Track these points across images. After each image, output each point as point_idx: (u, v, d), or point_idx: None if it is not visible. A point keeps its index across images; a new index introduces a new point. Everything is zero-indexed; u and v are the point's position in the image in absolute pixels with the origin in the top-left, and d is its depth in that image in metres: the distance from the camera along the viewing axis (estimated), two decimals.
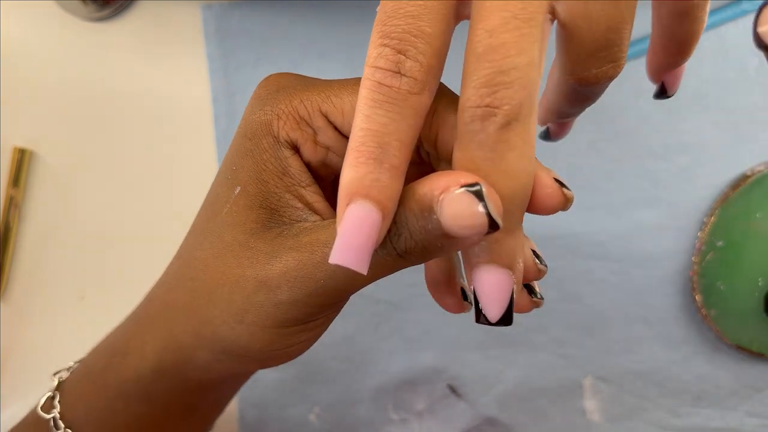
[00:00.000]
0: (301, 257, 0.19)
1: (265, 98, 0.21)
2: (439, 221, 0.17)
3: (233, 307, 0.21)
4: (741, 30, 0.40)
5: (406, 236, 0.18)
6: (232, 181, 0.21)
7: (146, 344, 0.25)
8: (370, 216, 0.17)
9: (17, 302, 0.44)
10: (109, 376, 0.26)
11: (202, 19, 0.43)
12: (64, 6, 0.44)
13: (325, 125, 0.21)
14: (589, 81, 0.19)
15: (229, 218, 0.21)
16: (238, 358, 0.22)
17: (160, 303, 0.25)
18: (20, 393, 0.43)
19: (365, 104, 0.17)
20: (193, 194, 0.45)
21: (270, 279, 0.20)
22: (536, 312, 0.41)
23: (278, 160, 0.21)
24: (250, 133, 0.21)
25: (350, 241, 0.17)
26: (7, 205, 0.43)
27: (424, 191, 0.17)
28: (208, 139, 0.43)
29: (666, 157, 0.41)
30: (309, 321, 0.21)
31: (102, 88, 0.44)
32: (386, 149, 0.17)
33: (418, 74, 0.17)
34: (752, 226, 0.39)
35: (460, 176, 0.17)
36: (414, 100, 0.17)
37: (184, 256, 0.24)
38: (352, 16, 0.42)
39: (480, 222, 0.16)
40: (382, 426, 0.42)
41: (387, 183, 0.17)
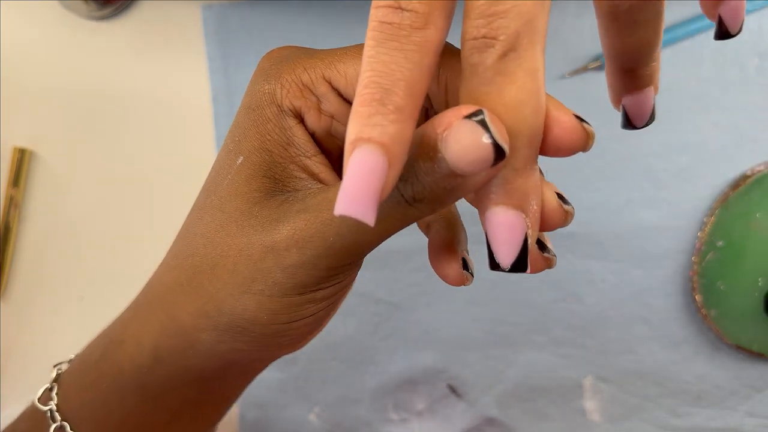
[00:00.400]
0: (308, 217, 0.19)
1: (268, 70, 0.21)
2: (444, 159, 0.16)
3: (238, 276, 0.20)
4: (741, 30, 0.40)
5: (412, 180, 0.17)
6: (235, 152, 0.21)
7: (144, 331, 0.24)
8: (373, 160, 0.15)
9: (17, 302, 0.44)
10: (104, 366, 0.25)
11: (202, 19, 0.43)
12: (65, 5, 0.44)
13: (328, 91, 0.20)
14: (620, 2, 0.18)
15: (231, 188, 0.21)
16: (243, 335, 0.21)
17: (158, 286, 0.24)
18: (20, 393, 0.43)
19: (369, 45, 0.16)
20: (193, 194, 0.45)
21: (277, 243, 0.19)
22: (536, 312, 0.41)
23: (282, 129, 0.20)
24: (253, 104, 0.21)
25: (354, 189, 0.15)
26: (7, 205, 0.43)
27: (427, 131, 0.17)
28: (208, 139, 0.43)
29: (666, 157, 0.41)
30: (317, 288, 0.20)
31: (102, 88, 0.44)
32: (390, 90, 0.16)
33: (419, 7, 0.16)
34: (752, 226, 0.39)
35: (462, 109, 0.16)
36: (418, 36, 0.16)
37: (183, 234, 0.23)
38: (352, 16, 0.42)
39: (486, 151, 0.16)
40: (382, 426, 0.42)
41: (392, 125, 0.16)
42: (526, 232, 0.18)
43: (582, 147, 0.18)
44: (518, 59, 0.16)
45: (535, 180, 0.18)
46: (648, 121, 0.23)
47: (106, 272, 0.44)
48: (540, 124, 0.17)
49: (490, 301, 0.42)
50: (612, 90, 0.23)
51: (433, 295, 0.42)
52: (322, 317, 0.22)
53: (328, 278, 0.20)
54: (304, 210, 0.19)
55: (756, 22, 0.40)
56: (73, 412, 0.26)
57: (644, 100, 0.22)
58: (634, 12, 0.19)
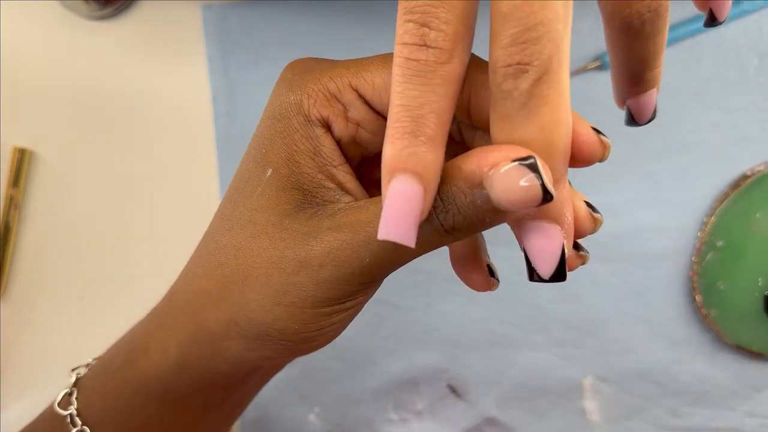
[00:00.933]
0: (343, 237, 0.19)
1: (292, 80, 0.21)
2: (488, 196, 0.17)
3: (270, 288, 0.21)
4: (741, 30, 0.40)
5: (453, 212, 0.18)
6: (262, 164, 0.21)
7: (170, 338, 0.24)
8: (410, 188, 0.17)
9: (17, 302, 0.44)
10: (127, 372, 0.26)
11: (202, 19, 0.43)
12: (65, 5, 0.44)
13: (355, 99, 0.21)
14: (632, 18, 0.19)
15: (262, 201, 0.21)
16: (272, 344, 0.22)
17: (185, 294, 0.24)
18: (20, 393, 0.43)
19: (397, 81, 0.17)
20: (193, 194, 0.45)
21: (311, 259, 0.20)
22: (536, 312, 0.41)
23: (309, 139, 0.21)
24: (279, 115, 0.21)
25: (395, 215, 0.17)
26: (7, 205, 0.43)
27: (472, 168, 0.18)
28: (208, 139, 0.43)
29: (666, 157, 0.41)
30: (346, 300, 0.21)
31: (102, 88, 0.44)
32: (420, 122, 0.17)
33: (443, 44, 0.17)
34: (752, 226, 0.39)
35: (510, 151, 0.17)
36: (443, 70, 0.17)
37: (209, 244, 0.23)
38: (352, 16, 0.42)
39: (534, 194, 0.17)
40: (382, 426, 0.42)
41: (424, 155, 0.17)
42: (563, 244, 0.19)
43: (599, 158, 0.20)
44: (550, 81, 0.17)
45: (567, 192, 0.19)
46: (650, 118, 0.24)
47: (106, 272, 0.44)
48: (570, 139, 0.18)
49: (490, 301, 0.42)
50: (617, 92, 0.24)
51: (433, 295, 0.42)
52: (348, 322, 0.23)
53: (358, 291, 0.21)
54: (337, 228, 0.20)
55: (756, 22, 0.40)
56: (95, 417, 0.26)
57: (648, 100, 0.23)
58: (645, 25, 0.20)
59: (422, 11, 0.17)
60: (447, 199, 0.18)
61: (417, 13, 0.17)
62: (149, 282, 0.44)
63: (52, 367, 0.43)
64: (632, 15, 0.20)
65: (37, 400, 0.43)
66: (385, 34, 0.42)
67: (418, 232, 0.18)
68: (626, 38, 0.21)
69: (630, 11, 0.20)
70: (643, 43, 0.21)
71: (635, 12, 0.20)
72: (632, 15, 0.20)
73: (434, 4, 0.17)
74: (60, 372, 0.43)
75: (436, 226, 0.19)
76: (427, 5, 0.17)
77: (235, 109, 0.43)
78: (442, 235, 0.19)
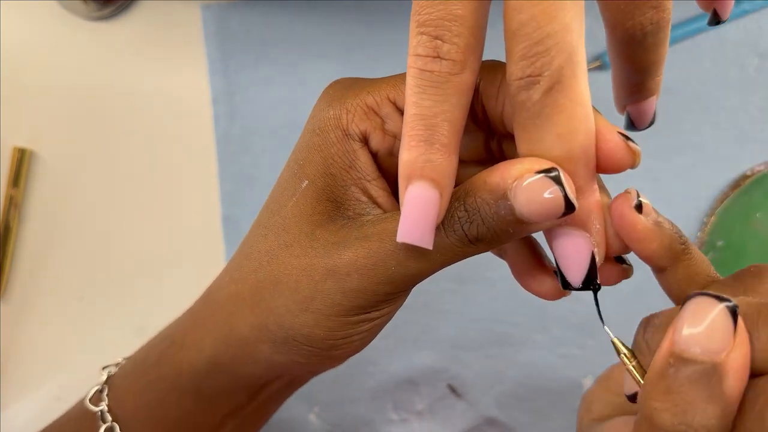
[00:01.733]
0: (370, 246, 0.20)
1: (332, 96, 0.22)
2: (512, 207, 0.18)
3: (299, 295, 0.21)
4: (741, 30, 0.40)
5: (478, 223, 0.19)
6: (299, 175, 0.22)
7: (204, 338, 0.25)
8: (428, 194, 0.18)
9: (17, 302, 0.44)
10: (163, 367, 0.26)
11: (202, 20, 0.43)
12: (64, 5, 0.44)
13: (393, 111, 0.21)
14: (635, 30, 0.20)
15: (296, 210, 0.22)
16: (299, 349, 0.22)
17: (220, 297, 0.25)
18: (20, 393, 0.43)
19: (411, 91, 0.18)
20: (193, 194, 0.45)
21: (339, 267, 0.20)
22: (536, 312, 0.41)
23: (346, 153, 0.21)
24: (318, 129, 0.22)
25: (413, 219, 0.18)
26: (7, 205, 0.43)
27: (496, 181, 0.18)
28: (208, 139, 0.43)
29: (666, 157, 0.41)
30: (372, 310, 0.21)
31: (102, 88, 0.44)
32: (435, 130, 0.18)
33: (456, 55, 0.18)
34: (752, 226, 0.39)
35: (534, 163, 0.18)
36: (456, 80, 0.18)
37: (245, 249, 0.24)
38: (352, 16, 0.42)
39: (557, 205, 0.18)
40: (382, 426, 0.42)
41: (439, 161, 0.18)
42: (593, 251, 0.19)
43: (629, 165, 0.20)
44: (563, 90, 0.17)
45: (596, 199, 0.19)
46: (650, 124, 0.25)
47: (106, 272, 0.44)
48: (592, 145, 0.19)
49: (490, 301, 0.42)
50: (617, 98, 0.24)
51: (432, 295, 0.42)
52: (375, 332, 0.23)
53: (384, 301, 0.21)
54: (365, 238, 0.20)
55: (756, 22, 0.40)
56: (126, 413, 0.27)
57: (648, 107, 0.24)
58: (647, 37, 0.21)
59: (435, 24, 0.17)
60: (472, 210, 0.19)
61: (430, 26, 0.17)
62: (149, 282, 0.44)
63: (52, 367, 0.43)
64: (635, 27, 0.20)
65: (37, 400, 0.43)
66: (385, 34, 0.42)
67: (445, 243, 0.19)
68: (628, 48, 0.21)
69: (633, 23, 0.20)
70: (644, 53, 0.21)
71: (638, 24, 0.20)
72: (635, 27, 0.20)
73: (447, 18, 0.17)
74: (60, 372, 0.43)
75: (461, 236, 0.19)
76: (440, 19, 0.17)
77: (235, 109, 0.43)
78: (466, 246, 0.19)
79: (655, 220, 0.21)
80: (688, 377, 0.16)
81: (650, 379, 0.17)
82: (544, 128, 0.18)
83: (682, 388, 0.16)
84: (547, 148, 0.18)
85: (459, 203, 0.19)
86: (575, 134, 0.18)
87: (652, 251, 0.21)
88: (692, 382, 0.16)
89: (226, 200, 0.43)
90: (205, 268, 0.43)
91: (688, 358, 0.16)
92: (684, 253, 0.21)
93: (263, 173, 0.43)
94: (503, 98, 0.21)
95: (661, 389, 0.16)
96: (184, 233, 0.44)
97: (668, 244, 0.21)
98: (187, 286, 0.44)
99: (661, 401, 0.16)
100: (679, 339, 0.16)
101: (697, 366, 0.16)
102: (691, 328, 0.16)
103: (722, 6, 0.24)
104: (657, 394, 0.16)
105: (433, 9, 0.17)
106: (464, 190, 0.19)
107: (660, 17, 0.20)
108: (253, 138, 0.43)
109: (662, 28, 0.21)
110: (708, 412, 0.16)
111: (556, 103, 0.17)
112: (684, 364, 0.16)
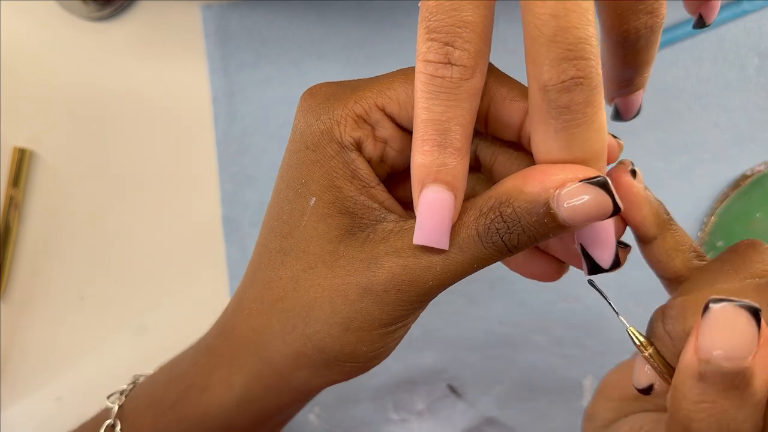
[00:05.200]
0: (404, 263, 0.20)
1: (317, 108, 0.21)
2: (555, 216, 0.18)
3: (337, 317, 0.21)
4: (741, 30, 0.40)
5: (519, 233, 0.19)
6: (304, 194, 0.22)
7: (233, 375, 0.24)
8: (443, 197, 0.19)
9: (17, 302, 0.44)
10: (184, 409, 0.26)
11: (202, 19, 0.43)
12: (64, 5, 0.44)
13: (382, 118, 0.21)
14: (630, 33, 0.21)
15: (310, 230, 0.21)
16: (341, 368, 0.22)
17: (245, 332, 0.24)
18: (20, 393, 0.43)
19: (423, 96, 0.18)
20: (193, 194, 0.45)
21: (375, 285, 0.20)
22: (536, 312, 0.41)
23: (346, 164, 0.21)
24: (312, 144, 0.21)
25: (431, 222, 0.19)
26: (7, 205, 0.43)
27: (536, 190, 0.18)
28: (208, 139, 0.43)
29: (666, 157, 0.41)
30: (409, 317, 0.22)
31: (102, 88, 0.44)
32: (448, 135, 0.18)
33: (467, 61, 0.18)
34: (752, 226, 0.39)
35: (577, 171, 0.18)
36: (467, 85, 0.18)
37: (262, 279, 0.23)
38: (352, 16, 0.42)
39: (605, 210, 0.18)
40: (382, 426, 0.42)
41: (453, 165, 0.19)
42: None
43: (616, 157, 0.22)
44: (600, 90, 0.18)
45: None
46: (635, 114, 0.26)
47: (106, 272, 0.44)
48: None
49: (490, 301, 0.42)
50: (607, 91, 0.25)
51: None
52: (406, 332, 0.24)
53: (420, 307, 0.22)
54: (395, 253, 0.20)
55: (756, 22, 0.40)
56: None
57: (635, 100, 0.25)
58: (640, 40, 0.21)
59: (447, 31, 0.18)
60: (511, 221, 0.19)
61: (441, 32, 0.18)
62: (149, 282, 0.44)
63: (52, 366, 0.43)
64: (629, 30, 0.21)
65: (37, 400, 0.43)
66: (385, 34, 0.42)
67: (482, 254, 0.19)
68: (622, 49, 0.22)
69: (628, 27, 0.21)
70: (636, 54, 0.22)
71: (632, 28, 0.21)
72: (629, 30, 0.21)
73: (458, 25, 0.18)
74: (60, 372, 0.43)
75: (500, 246, 0.19)
76: (450, 26, 0.18)
77: (235, 109, 0.43)
78: (504, 253, 0.20)
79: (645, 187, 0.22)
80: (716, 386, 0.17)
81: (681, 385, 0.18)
82: (586, 127, 0.18)
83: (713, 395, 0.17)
84: (588, 146, 0.18)
85: (495, 214, 0.19)
86: (604, 130, 0.19)
87: (643, 216, 0.22)
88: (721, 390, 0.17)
89: (226, 200, 0.43)
90: (205, 268, 0.43)
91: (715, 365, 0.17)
92: (669, 222, 0.22)
93: (263, 173, 0.43)
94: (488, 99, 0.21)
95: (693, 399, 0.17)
96: (184, 233, 0.44)
97: (656, 211, 0.22)
98: (187, 286, 0.44)
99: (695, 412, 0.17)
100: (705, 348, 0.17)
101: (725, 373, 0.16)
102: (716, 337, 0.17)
103: (708, 11, 0.25)
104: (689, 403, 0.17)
105: (443, 15, 0.18)
106: (498, 200, 0.19)
107: (654, 22, 0.21)
108: (253, 138, 0.43)
109: (655, 31, 0.21)
110: (740, 416, 0.16)
111: (595, 102, 0.18)
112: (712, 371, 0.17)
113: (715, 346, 0.17)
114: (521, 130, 0.21)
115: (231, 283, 0.43)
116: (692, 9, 0.25)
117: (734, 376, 0.16)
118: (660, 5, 0.20)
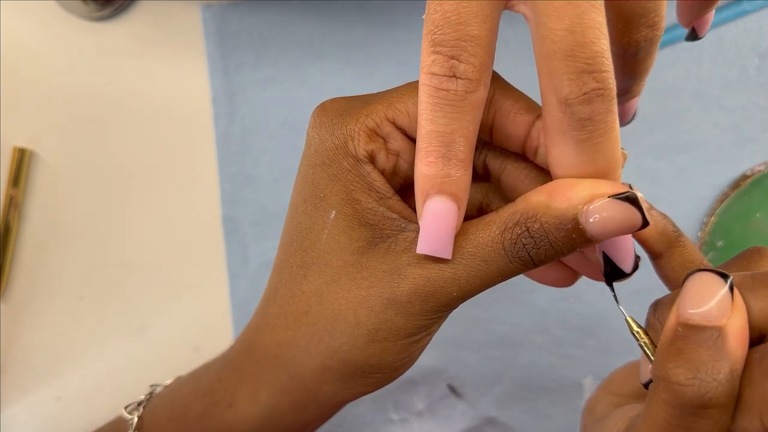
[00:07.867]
0: (428, 274, 0.20)
1: (330, 124, 0.22)
2: (583, 231, 0.19)
3: (362, 328, 0.21)
4: (741, 30, 0.40)
5: (546, 248, 0.19)
6: (323, 208, 0.22)
7: (259, 390, 0.24)
8: (447, 208, 0.19)
9: (17, 302, 0.44)
10: (209, 424, 0.26)
11: (202, 19, 0.43)
12: (64, 5, 0.44)
13: (393, 130, 0.21)
14: (630, 45, 0.21)
15: (332, 243, 0.22)
16: (367, 379, 0.23)
17: (270, 347, 0.24)
18: (20, 393, 0.43)
19: (427, 108, 0.19)
20: (193, 194, 0.45)
21: (399, 296, 0.21)
22: (536, 312, 0.41)
23: (362, 177, 0.21)
24: (328, 160, 0.21)
25: (435, 232, 0.19)
26: (7, 205, 0.43)
27: (564, 206, 0.19)
28: (208, 139, 0.43)
29: (666, 157, 0.41)
30: (433, 325, 0.22)
31: (102, 88, 0.44)
32: (452, 146, 0.19)
33: (472, 74, 0.18)
34: (752, 226, 0.39)
35: (604, 186, 0.19)
36: (471, 98, 0.18)
37: (284, 293, 0.23)
38: (352, 16, 0.42)
39: (635, 225, 0.18)
40: (382, 426, 0.42)
41: (457, 176, 0.19)
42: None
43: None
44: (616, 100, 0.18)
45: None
46: (630, 120, 0.27)
47: (106, 272, 0.44)
48: None
49: (490, 301, 0.42)
50: None
51: None
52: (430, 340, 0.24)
53: (444, 315, 0.22)
54: (419, 264, 0.20)
55: (756, 22, 0.40)
56: None
57: (631, 106, 0.26)
58: (639, 52, 0.22)
59: (452, 45, 0.18)
60: (539, 236, 0.19)
61: (446, 45, 0.18)
62: (149, 282, 0.44)
63: (52, 366, 0.43)
64: (630, 43, 0.21)
65: (37, 400, 0.43)
66: (385, 34, 0.42)
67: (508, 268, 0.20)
68: (621, 60, 0.22)
69: (629, 39, 0.21)
70: (635, 65, 0.22)
71: (633, 41, 0.21)
72: (630, 43, 0.21)
73: (463, 39, 0.18)
74: (60, 372, 0.43)
75: (526, 260, 0.20)
76: (456, 40, 0.18)
77: (235, 109, 0.43)
78: (529, 267, 0.20)
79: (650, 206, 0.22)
80: (696, 341, 0.18)
81: (663, 346, 0.19)
82: (608, 136, 0.18)
83: (692, 349, 0.18)
84: (610, 155, 0.18)
85: (522, 229, 0.19)
86: (619, 139, 0.19)
87: (648, 234, 0.22)
88: (700, 344, 0.18)
89: (226, 200, 0.43)
90: (205, 268, 0.43)
91: (693, 326, 0.18)
92: (678, 238, 0.23)
93: (263, 173, 0.43)
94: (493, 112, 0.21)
95: (672, 353, 0.18)
96: (184, 233, 0.44)
97: (662, 229, 0.22)
98: (187, 286, 0.44)
99: (674, 362, 0.18)
100: (684, 311, 0.18)
101: (703, 331, 0.18)
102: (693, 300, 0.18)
103: (701, 24, 0.25)
104: (670, 357, 0.18)
105: (449, 29, 0.18)
106: (524, 215, 0.19)
107: (654, 35, 0.21)
108: (253, 138, 0.43)
109: (654, 43, 0.22)
110: (716, 368, 0.17)
111: (614, 111, 0.18)
112: (691, 330, 0.18)
113: (693, 307, 0.18)
114: (526, 142, 0.21)
115: (231, 282, 0.43)
116: (685, 22, 0.26)
117: (711, 333, 0.18)
118: (661, 19, 0.21)
